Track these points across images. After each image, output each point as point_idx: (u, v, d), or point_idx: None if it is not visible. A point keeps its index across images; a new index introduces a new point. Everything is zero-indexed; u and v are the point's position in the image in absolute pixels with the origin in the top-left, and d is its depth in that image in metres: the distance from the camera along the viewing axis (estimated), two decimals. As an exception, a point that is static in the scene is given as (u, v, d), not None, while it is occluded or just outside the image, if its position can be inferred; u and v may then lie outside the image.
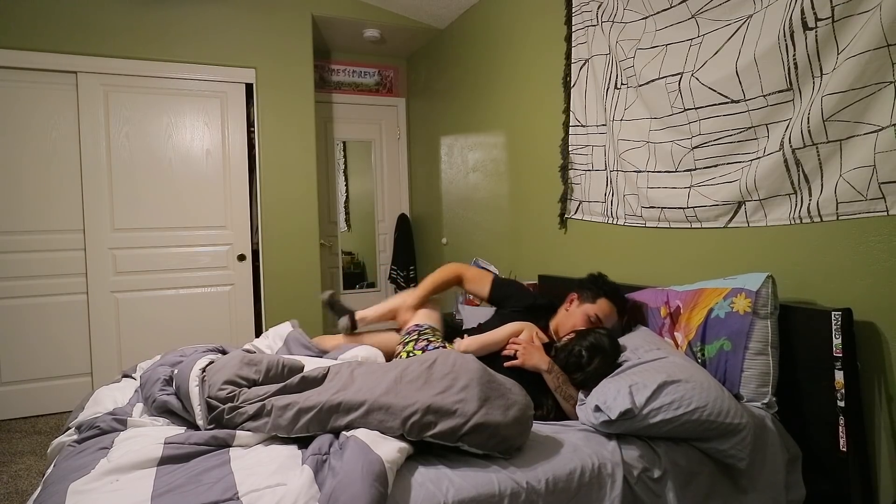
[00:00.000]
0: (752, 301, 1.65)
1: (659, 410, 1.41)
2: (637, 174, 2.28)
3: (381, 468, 1.15)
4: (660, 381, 1.45)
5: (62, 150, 3.33)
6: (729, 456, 1.44)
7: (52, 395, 3.35)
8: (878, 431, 1.57)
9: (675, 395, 1.42)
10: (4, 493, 2.32)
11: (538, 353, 1.77)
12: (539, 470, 1.29)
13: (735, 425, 1.41)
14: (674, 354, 1.67)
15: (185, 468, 1.24)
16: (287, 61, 3.77)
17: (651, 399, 1.42)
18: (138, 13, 3.43)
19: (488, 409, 1.29)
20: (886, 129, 1.48)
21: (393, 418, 1.29)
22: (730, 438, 1.42)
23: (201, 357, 1.62)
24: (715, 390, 1.46)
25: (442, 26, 4.06)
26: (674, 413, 1.40)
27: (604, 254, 2.57)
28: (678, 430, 1.43)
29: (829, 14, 1.56)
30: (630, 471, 1.37)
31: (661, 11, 2.12)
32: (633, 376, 1.52)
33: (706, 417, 1.40)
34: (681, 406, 1.41)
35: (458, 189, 3.97)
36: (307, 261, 3.86)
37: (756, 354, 1.63)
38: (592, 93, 2.56)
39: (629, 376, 1.53)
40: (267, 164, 3.74)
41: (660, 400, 1.42)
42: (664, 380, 1.45)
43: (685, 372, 1.51)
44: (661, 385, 1.44)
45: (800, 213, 1.72)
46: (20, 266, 3.28)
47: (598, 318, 1.91)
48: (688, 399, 1.41)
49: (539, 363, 1.74)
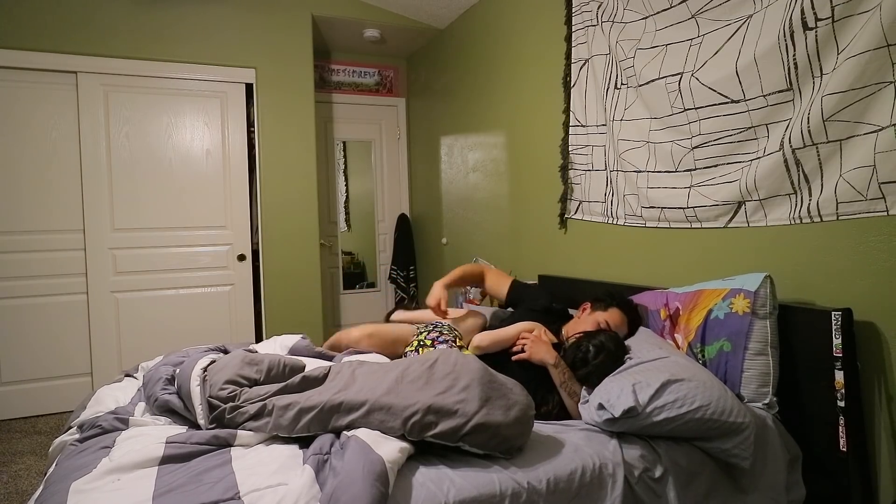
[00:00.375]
0: (751, 301, 1.65)
1: (662, 409, 1.41)
2: (637, 174, 2.28)
3: (382, 468, 1.15)
4: (663, 380, 1.45)
5: (62, 150, 3.33)
6: (732, 455, 1.44)
7: (52, 395, 3.35)
8: (878, 431, 1.57)
9: (678, 393, 1.42)
10: (4, 493, 2.32)
11: (545, 347, 1.80)
12: (540, 470, 1.29)
13: (738, 424, 1.41)
14: (675, 354, 1.67)
15: (187, 468, 1.24)
16: (287, 61, 3.77)
17: (654, 397, 1.42)
18: (138, 13, 3.43)
19: (489, 410, 1.29)
20: (886, 129, 1.48)
21: (394, 418, 1.29)
22: (732, 438, 1.42)
23: (203, 356, 1.62)
24: (718, 389, 1.47)
25: (442, 26, 4.06)
26: (677, 412, 1.40)
27: (604, 254, 2.58)
28: (681, 428, 1.43)
29: (829, 14, 1.57)
30: (631, 471, 1.37)
31: (661, 11, 2.13)
32: (636, 375, 1.52)
33: (709, 416, 1.40)
34: (684, 405, 1.41)
35: (458, 189, 3.97)
36: (307, 261, 3.86)
37: (756, 355, 1.64)
38: (592, 93, 2.56)
39: (632, 375, 1.54)
40: (267, 164, 3.75)
41: (663, 398, 1.42)
42: (667, 378, 1.45)
43: (688, 371, 1.52)
44: (664, 383, 1.44)
45: (800, 213, 1.72)
46: (20, 266, 3.28)
47: (608, 325, 1.94)
48: (691, 397, 1.41)
49: (546, 357, 1.77)
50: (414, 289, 4.55)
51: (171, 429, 1.46)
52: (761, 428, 1.55)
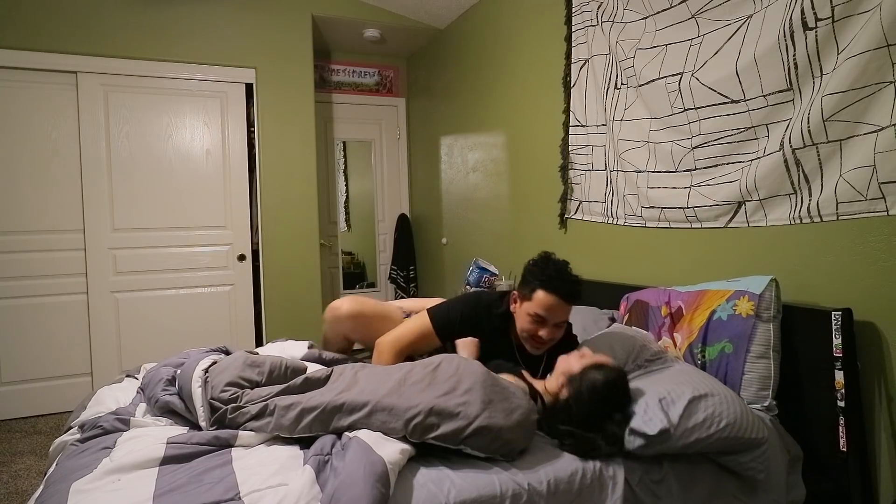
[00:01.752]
0: (756, 304, 1.65)
1: (692, 430, 1.35)
2: (637, 174, 2.28)
3: (384, 469, 1.15)
4: (690, 396, 1.39)
5: (62, 150, 3.33)
6: (749, 469, 1.43)
7: (52, 395, 3.35)
8: (878, 431, 1.57)
9: (706, 412, 1.38)
10: (4, 493, 2.32)
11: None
12: (541, 471, 1.29)
13: (758, 440, 1.40)
14: (674, 361, 1.66)
15: (187, 468, 1.24)
16: (287, 61, 3.77)
17: (685, 417, 1.36)
18: (138, 13, 3.43)
19: (491, 413, 1.30)
20: (886, 129, 1.48)
21: (396, 419, 1.29)
22: (752, 452, 1.41)
23: (204, 357, 1.62)
24: (738, 404, 1.44)
25: (442, 26, 4.06)
26: (706, 432, 1.36)
27: (604, 254, 2.58)
28: (706, 447, 1.39)
29: (829, 14, 1.57)
30: (632, 473, 1.37)
31: (661, 11, 2.13)
32: (657, 387, 1.44)
33: (734, 434, 1.37)
34: (713, 424, 1.36)
35: (458, 189, 3.97)
36: (307, 261, 3.86)
37: (758, 358, 1.63)
38: (592, 93, 2.56)
39: (657, 388, 1.44)
40: (267, 164, 3.74)
41: (693, 418, 1.36)
42: (693, 395, 1.40)
43: (705, 384, 1.47)
44: (691, 400, 1.38)
45: (800, 213, 1.72)
46: (20, 266, 3.27)
47: (540, 317, 1.67)
48: (718, 416, 1.37)
49: None
50: (414, 289, 4.55)
51: (172, 429, 1.46)
52: (762, 430, 1.55)
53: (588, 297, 2.44)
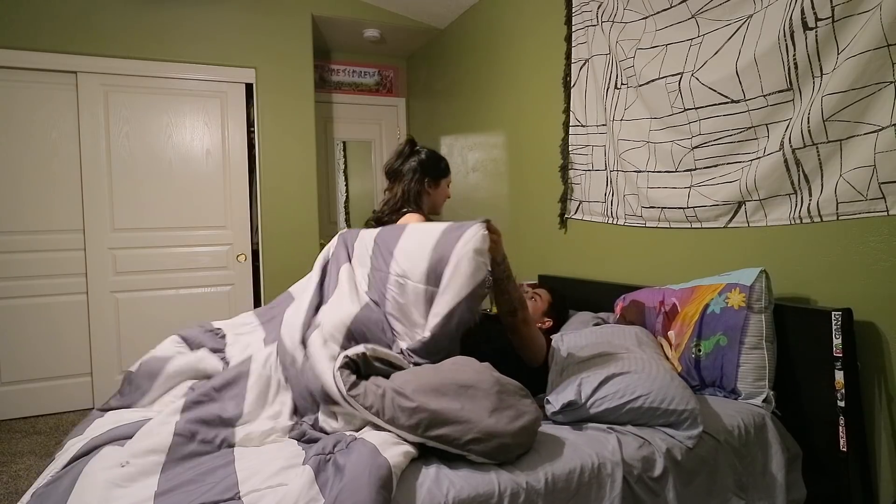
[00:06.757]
0: (747, 296, 1.67)
1: (603, 400, 1.50)
2: (637, 174, 2.28)
3: (388, 473, 1.14)
4: (607, 374, 1.54)
5: (62, 150, 3.33)
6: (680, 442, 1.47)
7: (52, 395, 3.35)
8: (878, 431, 1.57)
9: (619, 385, 1.51)
10: (4, 493, 2.32)
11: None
12: (539, 470, 1.29)
13: (678, 411, 1.46)
14: (645, 352, 1.70)
15: (190, 467, 1.24)
16: (287, 61, 3.77)
17: (596, 390, 1.51)
18: (138, 13, 3.43)
19: (497, 419, 1.29)
20: (886, 129, 1.48)
21: (407, 403, 1.29)
22: (687, 427, 1.46)
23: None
24: (662, 380, 1.51)
25: (442, 26, 4.06)
26: (617, 402, 1.49)
27: (604, 254, 2.58)
28: (624, 416, 1.50)
29: (829, 14, 1.57)
30: (630, 470, 1.37)
31: (661, 11, 2.13)
32: (586, 372, 1.60)
33: (649, 405, 1.47)
34: (624, 395, 1.49)
35: (459, 189, 3.96)
36: (307, 261, 3.81)
37: (751, 349, 1.64)
38: (592, 93, 2.56)
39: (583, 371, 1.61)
40: (267, 164, 3.75)
41: (603, 391, 1.51)
42: (612, 372, 1.55)
43: (637, 364, 1.58)
44: (607, 377, 1.53)
45: (800, 213, 1.72)
46: (20, 266, 3.28)
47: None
48: (631, 388, 1.50)
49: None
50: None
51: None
52: (760, 427, 1.55)
53: (588, 297, 2.45)
